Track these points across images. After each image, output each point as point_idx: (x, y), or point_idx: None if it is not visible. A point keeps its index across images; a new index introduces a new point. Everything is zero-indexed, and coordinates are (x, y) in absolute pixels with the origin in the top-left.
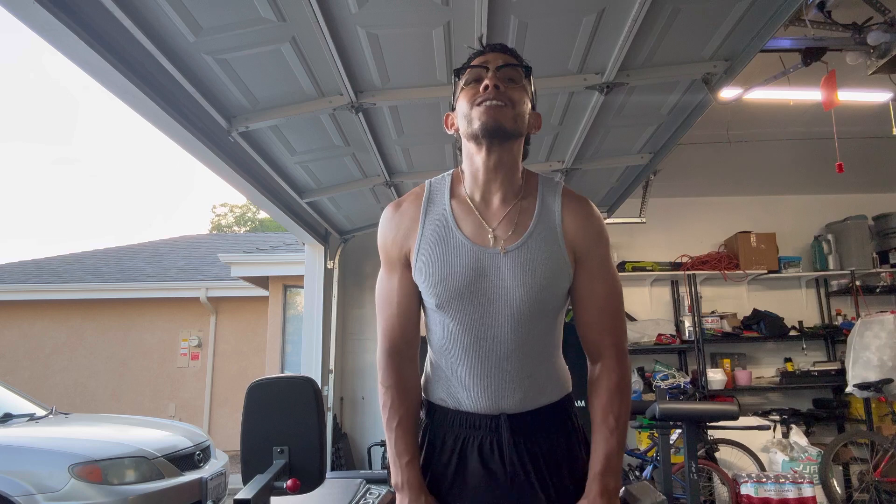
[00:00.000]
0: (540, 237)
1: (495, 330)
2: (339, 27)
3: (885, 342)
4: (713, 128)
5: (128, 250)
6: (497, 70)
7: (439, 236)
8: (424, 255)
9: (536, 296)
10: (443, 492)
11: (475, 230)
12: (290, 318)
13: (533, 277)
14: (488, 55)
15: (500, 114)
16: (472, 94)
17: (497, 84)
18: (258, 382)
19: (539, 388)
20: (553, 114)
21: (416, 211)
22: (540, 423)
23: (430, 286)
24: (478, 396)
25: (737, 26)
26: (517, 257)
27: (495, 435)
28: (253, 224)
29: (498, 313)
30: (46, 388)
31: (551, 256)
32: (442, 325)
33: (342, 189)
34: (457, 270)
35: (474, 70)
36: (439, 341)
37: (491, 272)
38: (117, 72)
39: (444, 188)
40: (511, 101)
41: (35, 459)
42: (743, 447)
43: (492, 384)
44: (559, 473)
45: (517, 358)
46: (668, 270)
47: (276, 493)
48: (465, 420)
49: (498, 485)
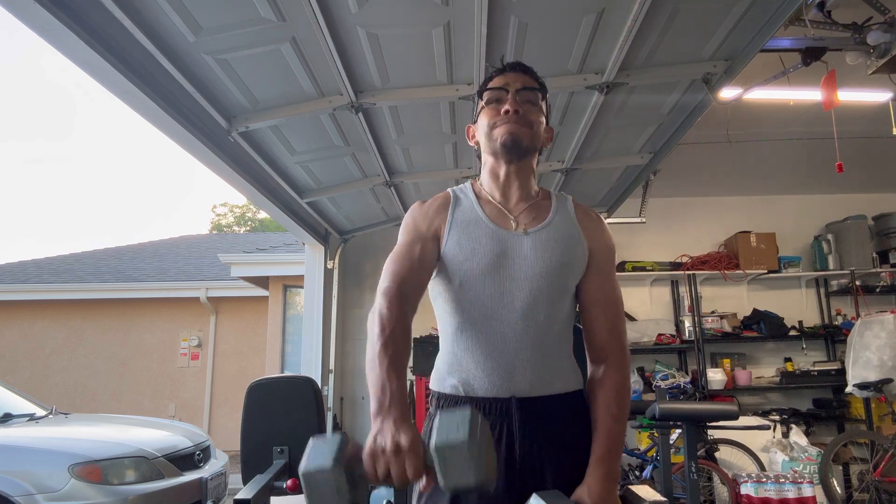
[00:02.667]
0: (560, 222)
1: (515, 304)
2: (339, 27)
3: (885, 342)
4: (713, 128)
5: (128, 250)
6: (517, 93)
7: (467, 221)
8: (455, 235)
9: (556, 271)
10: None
11: (499, 216)
12: (290, 318)
13: (553, 253)
14: (508, 75)
15: (519, 133)
16: (493, 114)
17: (517, 109)
18: (258, 382)
19: (552, 373)
20: (553, 114)
21: (445, 203)
22: (553, 411)
23: (457, 263)
24: (491, 375)
25: (737, 26)
26: (539, 237)
27: (506, 419)
28: (253, 224)
29: (518, 290)
30: (46, 388)
31: (570, 239)
32: (461, 305)
33: (342, 189)
34: (484, 246)
35: (495, 91)
36: (458, 322)
37: (513, 251)
38: (117, 72)
39: (468, 190)
40: (529, 123)
41: (35, 459)
42: (743, 447)
43: (505, 362)
44: (571, 460)
45: (533, 336)
46: (668, 270)
47: (276, 493)
48: (475, 406)
49: (507, 471)
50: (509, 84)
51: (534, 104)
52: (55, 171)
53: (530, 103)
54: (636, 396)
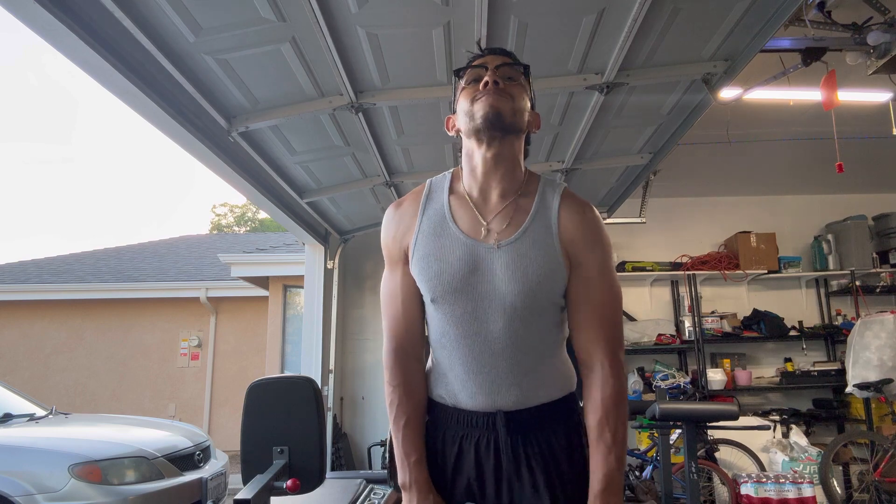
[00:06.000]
0: (534, 234)
1: (489, 326)
2: (339, 27)
3: (885, 342)
4: (713, 128)
5: (128, 250)
6: (496, 68)
7: (435, 230)
8: (420, 248)
9: (529, 294)
10: (439, 490)
11: (470, 224)
12: (290, 318)
13: (525, 275)
14: (487, 57)
15: (500, 104)
16: (472, 92)
17: (497, 80)
18: (258, 382)
19: (536, 386)
20: (553, 114)
21: (415, 207)
22: (538, 421)
23: (425, 280)
24: (474, 393)
25: (737, 26)
26: (510, 252)
27: (492, 433)
28: (253, 224)
29: (491, 310)
30: (46, 388)
31: (546, 255)
32: (438, 319)
33: (342, 189)
34: (452, 264)
35: (474, 70)
36: (436, 337)
37: (485, 267)
38: (117, 72)
39: (444, 184)
40: (510, 96)
41: (35, 459)
42: (743, 447)
43: (487, 381)
44: (559, 470)
45: (511, 355)
46: (668, 270)
47: (276, 493)
48: (462, 418)
49: (494, 484)
50: (488, 63)
51: (515, 80)
52: (55, 171)
53: (511, 79)
54: (636, 396)
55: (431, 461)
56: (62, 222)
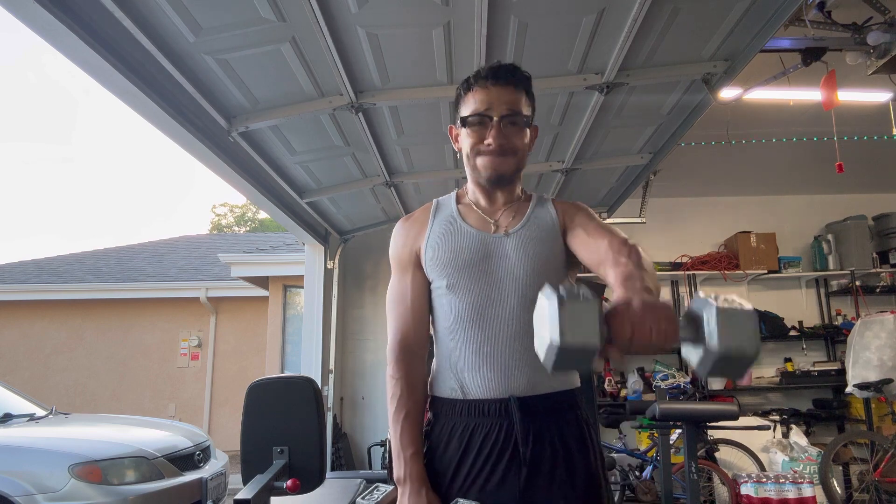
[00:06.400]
0: (538, 220)
1: (503, 307)
2: (339, 27)
3: (885, 342)
4: (713, 128)
5: (128, 250)
6: (500, 119)
7: (447, 229)
8: (433, 244)
9: (541, 270)
10: (447, 484)
11: (479, 222)
12: (290, 318)
13: (535, 252)
14: (491, 91)
15: (504, 168)
16: (476, 139)
17: (501, 142)
18: (258, 382)
19: (545, 371)
20: (553, 114)
21: (425, 217)
22: (549, 409)
23: (440, 267)
24: (487, 377)
25: (737, 26)
26: (520, 237)
27: (505, 420)
28: (253, 224)
29: (505, 291)
30: (46, 388)
31: (551, 234)
32: (451, 307)
33: (342, 189)
34: (467, 249)
35: (477, 116)
36: (449, 325)
37: (497, 253)
38: (117, 72)
39: (451, 199)
40: (513, 151)
41: (35, 459)
42: (743, 447)
43: (500, 363)
44: (571, 458)
45: (525, 335)
46: (668, 270)
47: (276, 493)
48: (473, 408)
49: (509, 471)
50: (493, 107)
51: (518, 125)
52: (55, 171)
53: (514, 125)
54: (636, 396)
55: (437, 457)
56: (62, 222)
